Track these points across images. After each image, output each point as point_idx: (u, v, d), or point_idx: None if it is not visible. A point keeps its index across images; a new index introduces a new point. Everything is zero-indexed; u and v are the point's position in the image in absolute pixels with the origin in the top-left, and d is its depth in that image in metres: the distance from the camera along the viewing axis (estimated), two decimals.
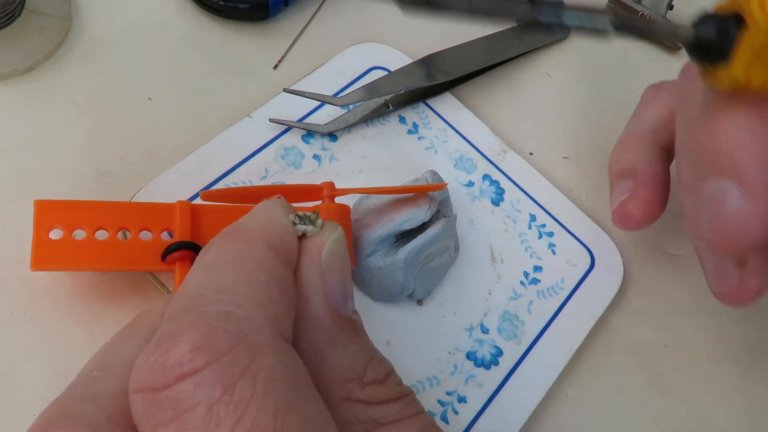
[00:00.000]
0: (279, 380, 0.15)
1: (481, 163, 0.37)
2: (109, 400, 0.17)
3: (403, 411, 0.19)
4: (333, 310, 0.19)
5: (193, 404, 0.14)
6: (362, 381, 0.19)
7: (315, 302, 0.19)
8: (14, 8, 0.34)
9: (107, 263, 0.27)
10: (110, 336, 0.28)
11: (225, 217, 0.29)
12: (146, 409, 0.15)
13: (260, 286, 0.17)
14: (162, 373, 0.15)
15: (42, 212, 0.26)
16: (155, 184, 0.31)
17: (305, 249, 0.20)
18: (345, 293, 0.20)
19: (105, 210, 0.27)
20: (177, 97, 0.36)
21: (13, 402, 0.26)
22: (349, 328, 0.20)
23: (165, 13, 0.38)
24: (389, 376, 0.20)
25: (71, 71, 0.35)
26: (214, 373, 0.14)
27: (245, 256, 0.18)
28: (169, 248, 0.26)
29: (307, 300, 0.19)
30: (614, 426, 0.33)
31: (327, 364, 0.19)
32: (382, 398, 0.19)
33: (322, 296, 0.19)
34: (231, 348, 0.15)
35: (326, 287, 0.19)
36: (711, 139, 0.23)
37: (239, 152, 0.33)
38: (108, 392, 0.17)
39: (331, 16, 0.41)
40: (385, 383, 0.19)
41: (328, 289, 0.19)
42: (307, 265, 0.20)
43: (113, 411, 0.16)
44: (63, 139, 0.33)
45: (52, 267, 0.26)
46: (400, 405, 0.19)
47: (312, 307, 0.19)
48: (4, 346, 0.27)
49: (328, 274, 0.20)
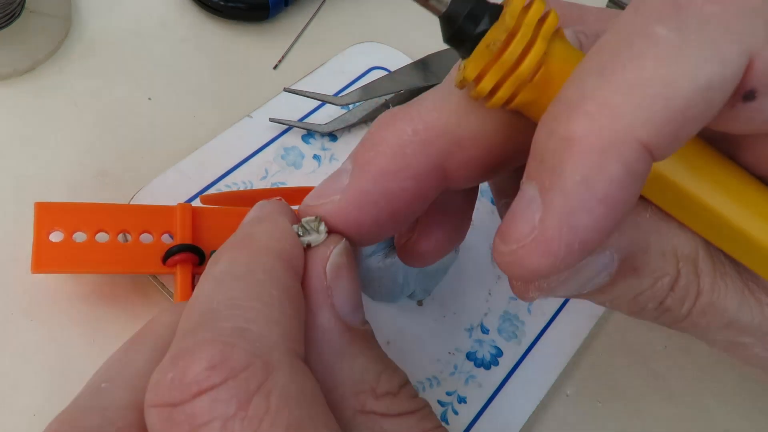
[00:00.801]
0: (292, 397, 0.15)
1: None
2: (117, 412, 0.17)
3: (419, 425, 0.19)
4: (341, 323, 0.19)
5: (209, 419, 0.15)
6: (376, 392, 0.19)
7: (322, 315, 0.19)
8: (14, 8, 0.34)
9: (108, 266, 0.27)
10: (110, 337, 0.28)
11: (225, 219, 0.29)
12: (163, 423, 0.15)
13: (273, 301, 0.17)
14: (180, 389, 0.15)
15: (42, 215, 0.26)
16: (155, 185, 0.31)
17: (310, 261, 0.20)
18: (353, 305, 0.20)
19: (105, 212, 0.27)
20: (177, 97, 0.36)
21: (13, 402, 0.26)
22: (359, 340, 0.19)
23: (165, 13, 0.38)
24: (403, 388, 0.19)
25: (71, 71, 0.35)
26: (230, 390, 0.15)
27: (256, 269, 0.18)
28: (170, 251, 0.26)
29: (313, 313, 0.19)
30: (614, 426, 0.33)
31: (338, 377, 0.19)
32: (398, 411, 0.19)
33: (329, 309, 0.19)
34: (247, 365, 0.15)
35: (333, 300, 0.19)
36: None
37: (239, 152, 0.33)
38: (116, 404, 0.17)
39: (331, 16, 0.41)
40: (399, 395, 0.19)
41: (336, 302, 0.19)
42: (312, 277, 0.19)
43: (122, 424, 0.16)
44: (63, 139, 0.33)
45: (53, 270, 0.26)
46: (416, 418, 0.19)
47: (319, 320, 0.19)
48: (5, 347, 0.27)
49: (334, 286, 0.19)
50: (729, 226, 0.19)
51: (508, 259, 0.18)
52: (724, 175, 0.20)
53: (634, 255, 0.21)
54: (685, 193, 0.19)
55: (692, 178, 0.19)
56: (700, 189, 0.19)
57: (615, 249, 0.20)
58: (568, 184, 0.16)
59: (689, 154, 0.19)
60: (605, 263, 0.20)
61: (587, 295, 0.22)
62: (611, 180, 0.16)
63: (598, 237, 0.17)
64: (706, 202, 0.19)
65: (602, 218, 0.16)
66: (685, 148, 0.19)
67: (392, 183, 0.20)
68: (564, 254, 0.17)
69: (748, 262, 0.21)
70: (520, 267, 0.17)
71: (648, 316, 0.22)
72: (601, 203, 0.16)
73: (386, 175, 0.20)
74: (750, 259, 0.21)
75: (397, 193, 0.20)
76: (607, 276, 0.21)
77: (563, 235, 0.17)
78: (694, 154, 0.19)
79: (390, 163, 0.20)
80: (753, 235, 0.19)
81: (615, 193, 0.16)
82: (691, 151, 0.19)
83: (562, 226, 0.17)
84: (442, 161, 0.20)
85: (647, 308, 0.22)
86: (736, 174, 0.20)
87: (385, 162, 0.20)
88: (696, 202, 0.19)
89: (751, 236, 0.19)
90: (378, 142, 0.20)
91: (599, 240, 0.17)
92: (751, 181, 0.20)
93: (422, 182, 0.20)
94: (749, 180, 0.20)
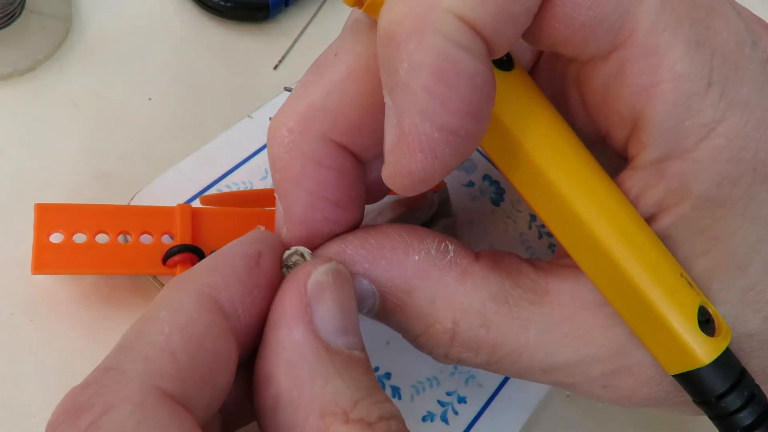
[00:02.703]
0: None
1: (481, 163, 0.37)
2: None
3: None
4: (318, 341, 0.18)
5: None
6: (347, 416, 0.17)
7: (297, 331, 0.18)
8: (14, 8, 0.34)
9: (108, 267, 0.27)
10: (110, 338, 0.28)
11: (225, 220, 0.29)
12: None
13: (159, 339, 0.17)
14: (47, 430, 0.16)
15: (42, 216, 0.26)
16: (155, 185, 0.31)
17: (289, 277, 0.20)
18: (338, 327, 0.19)
19: (105, 213, 0.27)
20: (177, 97, 0.36)
21: (13, 402, 0.26)
22: (340, 362, 0.18)
23: (165, 13, 0.38)
24: (385, 422, 0.18)
25: (71, 71, 0.35)
26: (65, 428, 0.16)
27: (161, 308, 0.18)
28: (170, 251, 0.27)
29: (288, 328, 0.19)
30: (614, 426, 0.33)
31: (306, 395, 0.18)
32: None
33: (305, 325, 0.19)
34: (89, 406, 0.16)
35: (313, 317, 0.19)
36: None
37: (239, 152, 0.33)
38: None
39: (332, 16, 0.41)
40: (376, 427, 0.18)
41: (317, 319, 0.19)
42: (289, 291, 0.19)
43: None
44: (63, 139, 0.33)
45: (53, 271, 0.26)
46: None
47: (293, 335, 0.18)
48: (5, 347, 0.27)
49: (315, 303, 0.19)
50: (555, 192, 0.20)
51: (390, 172, 0.18)
52: (567, 148, 0.20)
53: (394, 292, 0.21)
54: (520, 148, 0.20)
55: (532, 137, 0.20)
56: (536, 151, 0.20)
57: (369, 280, 0.21)
58: (401, 74, 0.16)
59: (537, 118, 0.20)
60: (366, 290, 0.21)
61: (374, 316, 0.22)
62: (434, 53, 0.16)
63: (453, 116, 0.17)
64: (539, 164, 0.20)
65: (447, 95, 0.16)
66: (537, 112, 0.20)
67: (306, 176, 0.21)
68: (428, 144, 0.17)
69: (564, 239, 0.21)
70: (402, 176, 0.18)
71: (448, 362, 0.22)
72: (436, 79, 0.16)
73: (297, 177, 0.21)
74: (565, 236, 0.21)
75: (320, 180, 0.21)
76: (373, 305, 0.22)
77: (418, 125, 0.17)
78: (542, 122, 0.20)
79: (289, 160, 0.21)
80: (578, 212, 0.20)
81: (446, 67, 0.16)
82: (541, 118, 0.20)
83: (414, 117, 0.17)
84: (327, 133, 0.21)
85: (437, 355, 0.22)
86: (581, 154, 0.20)
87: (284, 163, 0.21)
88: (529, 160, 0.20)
89: (576, 213, 0.20)
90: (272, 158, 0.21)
91: (459, 118, 0.17)
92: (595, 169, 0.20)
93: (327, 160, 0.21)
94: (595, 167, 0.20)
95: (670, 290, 0.19)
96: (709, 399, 0.20)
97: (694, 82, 0.18)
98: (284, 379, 0.18)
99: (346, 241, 0.21)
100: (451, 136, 0.17)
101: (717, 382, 0.20)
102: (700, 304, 0.20)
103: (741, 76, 0.19)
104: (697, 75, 0.18)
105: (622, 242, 0.19)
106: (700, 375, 0.20)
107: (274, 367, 0.18)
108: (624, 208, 0.20)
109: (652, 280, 0.19)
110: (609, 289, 0.20)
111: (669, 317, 0.19)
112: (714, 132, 0.19)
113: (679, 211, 0.20)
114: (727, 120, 0.19)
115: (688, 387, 0.20)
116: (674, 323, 0.19)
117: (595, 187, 0.20)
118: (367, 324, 0.30)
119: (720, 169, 0.19)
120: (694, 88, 0.18)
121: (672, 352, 0.20)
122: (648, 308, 0.19)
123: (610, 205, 0.20)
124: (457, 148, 0.17)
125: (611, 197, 0.20)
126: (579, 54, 0.19)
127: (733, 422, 0.20)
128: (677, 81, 0.18)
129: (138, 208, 0.28)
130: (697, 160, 0.19)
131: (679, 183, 0.19)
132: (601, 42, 0.19)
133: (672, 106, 0.18)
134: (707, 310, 0.20)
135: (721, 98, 0.18)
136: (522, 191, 0.21)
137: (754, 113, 0.19)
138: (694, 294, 0.20)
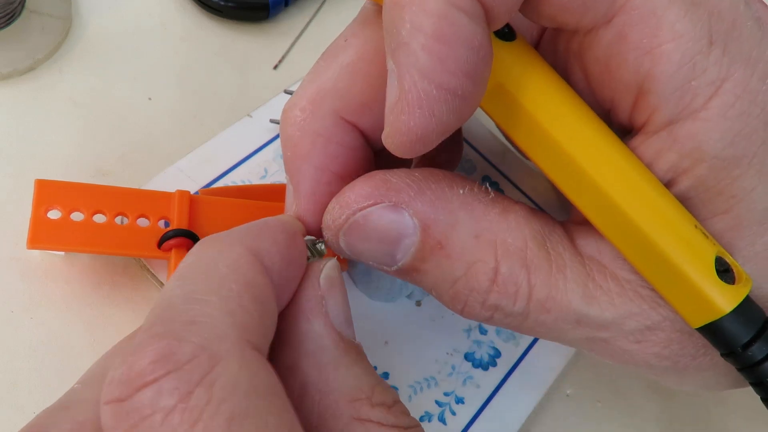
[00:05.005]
0: (239, 387, 0.15)
1: (480, 163, 0.37)
2: (80, 407, 0.17)
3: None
4: (335, 332, 0.20)
5: (151, 412, 0.15)
6: (371, 401, 0.19)
7: (317, 323, 0.19)
8: (14, 8, 0.34)
9: (103, 246, 0.27)
10: (109, 336, 0.29)
11: (223, 208, 0.29)
12: (112, 419, 0.15)
13: (231, 295, 0.17)
14: (126, 384, 0.15)
15: (42, 191, 0.26)
16: (155, 183, 0.31)
17: (307, 271, 0.20)
18: (345, 318, 0.20)
19: (104, 194, 0.27)
20: (177, 97, 0.36)
21: (13, 401, 0.26)
22: (353, 351, 0.20)
23: (165, 13, 0.38)
24: (396, 404, 0.19)
25: (71, 71, 0.35)
26: (171, 382, 0.15)
27: (219, 263, 0.18)
28: (166, 235, 0.27)
29: (308, 320, 0.19)
30: (614, 426, 0.33)
31: (333, 383, 0.19)
32: (392, 423, 0.19)
33: (324, 317, 0.20)
34: (192, 357, 0.15)
35: (327, 309, 0.20)
36: None
37: (239, 152, 0.33)
38: (80, 401, 0.17)
39: (332, 16, 0.41)
40: (393, 409, 0.19)
41: (330, 312, 0.20)
42: (308, 287, 0.20)
43: (82, 418, 0.17)
44: (63, 139, 0.33)
45: (48, 246, 0.26)
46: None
47: (314, 327, 0.19)
48: (4, 345, 0.27)
49: (328, 297, 0.20)
50: (567, 156, 0.20)
51: (389, 131, 0.18)
52: (580, 115, 0.20)
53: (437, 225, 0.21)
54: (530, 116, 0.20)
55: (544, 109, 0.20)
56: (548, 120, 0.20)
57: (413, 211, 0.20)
58: (403, 35, 0.17)
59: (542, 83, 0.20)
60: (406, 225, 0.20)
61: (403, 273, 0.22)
62: (434, 14, 0.17)
63: (451, 75, 0.17)
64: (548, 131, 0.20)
65: (445, 55, 0.17)
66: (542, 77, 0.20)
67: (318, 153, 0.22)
68: (427, 101, 0.17)
69: (578, 201, 0.21)
70: (401, 133, 0.18)
71: (481, 316, 0.22)
72: (435, 39, 0.17)
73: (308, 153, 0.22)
74: (579, 197, 0.21)
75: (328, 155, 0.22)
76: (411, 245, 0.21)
77: (417, 83, 0.17)
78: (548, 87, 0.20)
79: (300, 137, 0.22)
80: (587, 171, 0.20)
81: (445, 27, 0.17)
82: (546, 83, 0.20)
83: (413, 75, 0.17)
84: (337, 111, 0.22)
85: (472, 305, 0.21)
86: (586, 114, 0.20)
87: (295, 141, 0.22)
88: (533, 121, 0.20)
89: (586, 171, 0.20)
90: (284, 138, 0.22)
91: (456, 78, 0.17)
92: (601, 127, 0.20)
93: (337, 137, 0.22)
94: (600, 126, 0.20)
95: (685, 241, 0.19)
96: (734, 349, 0.20)
97: (696, 41, 0.19)
98: (310, 369, 0.19)
99: (390, 171, 0.21)
100: (449, 95, 0.18)
101: (741, 330, 0.19)
102: (717, 255, 0.20)
103: (739, 33, 0.19)
104: (698, 34, 0.19)
105: (631, 196, 0.19)
106: (723, 324, 0.19)
107: (298, 358, 0.19)
108: (631, 163, 0.20)
109: (665, 232, 0.19)
110: (624, 245, 0.20)
111: (685, 268, 0.19)
112: (721, 89, 0.19)
113: (696, 173, 0.20)
114: (732, 76, 0.19)
115: (712, 339, 0.20)
116: (691, 274, 0.19)
117: (601, 143, 0.20)
118: (366, 324, 0.30)
119: (731, 126, 0.19)
120: (697, 46, 0.19)
121: (693, 303, 0.20)
122: (664, 261, 0.19)
123: (617, 161, 0.20)
124: (455, 108, 0.18)
125: (617, 153, 0.20)
126: (578, 23, 0.20)
127: (762, 371, 0.20)
128: (679, 41, 0.19)
129: (137, 191, 0.28)
130: (708, 119, 0.19)
131: (692, 145, 0.19)
132: (600, 8, 0.19)
133: (677, 66, 0.19)
134: (725, 260, 0.20)
135: (724, 55, 0.19)
136: (532, 156, 0.21)
137: (756, 67, 0.19)
138: (710, 244, 0.20)
